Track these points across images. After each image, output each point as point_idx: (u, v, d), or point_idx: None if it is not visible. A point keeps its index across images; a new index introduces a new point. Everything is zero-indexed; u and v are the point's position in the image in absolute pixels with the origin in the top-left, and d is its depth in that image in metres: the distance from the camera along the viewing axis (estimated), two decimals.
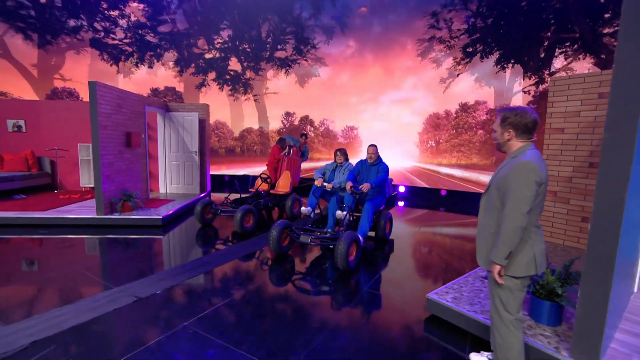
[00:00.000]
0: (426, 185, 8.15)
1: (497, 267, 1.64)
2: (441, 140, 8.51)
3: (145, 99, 6.21)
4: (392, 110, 9.10)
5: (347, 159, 4.30)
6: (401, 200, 7.46)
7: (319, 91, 9.54)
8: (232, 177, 8.82)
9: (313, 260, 3.65)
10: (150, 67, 9.12)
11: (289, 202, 5.54)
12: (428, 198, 7.92)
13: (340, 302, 2.75)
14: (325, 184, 4.18)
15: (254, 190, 5.69)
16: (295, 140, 6.15)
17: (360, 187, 3.60)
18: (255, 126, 9.84)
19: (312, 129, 9.75)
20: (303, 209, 4.14)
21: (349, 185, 3.63)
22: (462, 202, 7.43)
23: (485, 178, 7.99)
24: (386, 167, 3.82)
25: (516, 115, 1.67)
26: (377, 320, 2.50)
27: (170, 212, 5.24)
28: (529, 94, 7.20)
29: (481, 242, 1.76)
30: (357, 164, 3.98)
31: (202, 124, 7.30)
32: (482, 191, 2.24)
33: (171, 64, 9.30)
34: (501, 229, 1.58)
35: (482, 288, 2.75)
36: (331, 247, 3.72)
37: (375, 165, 3.82)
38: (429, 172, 8.51)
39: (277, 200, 5.65)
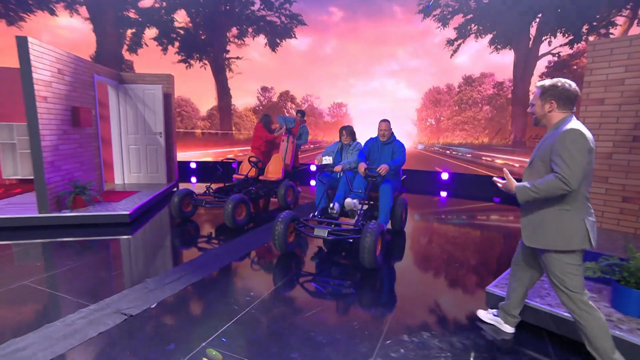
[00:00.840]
0: (425, 169, 8.12)
1: (512, 190, 1.78)
2: (442, 118, 8.39)
3: (94, 66, 5.46)
4: (386, 84, 8.87)
5: (354, 139, 4.08)
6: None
7: (301, 62, 9.14)
8: (215, 164, 8.36)
9: (323, 257, 3.40)
10: (52, 13, 7.79)
11: (282, 190, 5.24)
12: (427, 182, 7.91)
13: (385, 305, 2.56)
14: (326, 161, 3.89)
15: (240, 176, 5.32)
16: (290, 119, 5.86)
17: (378, 169, 3.37)
18: (226, 103, 9.42)
19: (293, 106, 9.41)
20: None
21: (362, 167, 3.41)
22: (467, 187, 7.38)
23: (493, 160, 7.97)
24: (403, 146, 3.70)
25: (557, 86, 1.77)
26: (434, 323, 2.34)
27: (138, 206, 4.73)
28: (559, 56, 6.82)
29: (527, 221, 1.84)
30: (367, 143, 3.79)
31: (167, 99, 6.62)
32: (490, 174, 2.23)
33: (81, 12, 8.00)
34: (544, 180, 1.66)
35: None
36: (350, 240, 3.46)
37: (388, 143, 3.64)
38: (429, 154, 8.44)
39: (267, 188, 5.35)
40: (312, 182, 7.84)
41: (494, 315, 2.29)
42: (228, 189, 5.04)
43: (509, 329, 2.20)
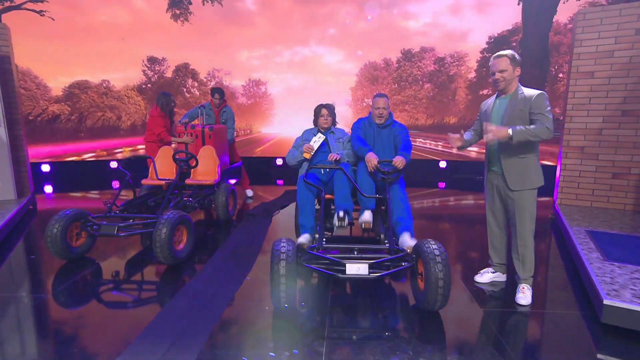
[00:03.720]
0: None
1: (506, 134, 2.36)
2: None
3: None
4: (315, 57, 8.70)
5: (334, 121, 3.59)
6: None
7: (207, 24, 8.41)
8: (120, 163, 7.19)
9: (347, 295, 2.76)
10: None
11: (222, 197, 4.47)
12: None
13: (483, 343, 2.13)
14: (317, 143, 3.36)
15: (154, 181, 4.33)
16: (196, 111, 5.21)
17: (394, 161, 2.95)
18: (94, 78, 8.05)
19: (196, 84, 8.76)
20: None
21: (373, 159, 2.96)
22: (410, 175, 7.40)
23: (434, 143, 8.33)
24: (405, 128, 3.35)
25: (518, 54, 2.49)
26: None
27: None
28: None
29: (512, 170, 2.53)
30: (355, 127, 3.38)
31: (4, 67, 4.83)
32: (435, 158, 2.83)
33: None
34: (536, 127, 2.33)
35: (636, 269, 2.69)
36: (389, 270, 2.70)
37: (386, 126, 3.28)
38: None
39: (199, 196, 4.52)
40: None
41: (492, 272, 2.90)
42: (141, 202, 4.00)
43: (504, 277, 2.91)
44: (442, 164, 8.18)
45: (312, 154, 3.28)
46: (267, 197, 5.88)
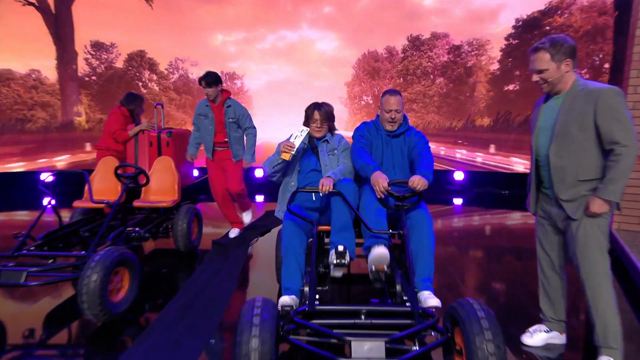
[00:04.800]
0: None
1: (606, 208, 2.15)
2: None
3: None
4: (302, 45, 8.68)
5: (333, 129, 3.38)
6: None
7: (169, 3, 8.47)
8: (40, 181, 6.49)
9: None
10: None
11: (182, 223, 4.29)
12: None
13: None
14: (290, 142, 3.12)
15: (92, 204, 4.09)
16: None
17: (412, 181, 2.74)
18: (20, 67, 7.87)
19: (155, 77, 8.73)
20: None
21: (381, 180, 2.77)
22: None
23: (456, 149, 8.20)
24: (424, 137, 3.21)
25: (566, 40, 2.19)
26: None
27: None
28: None
29: (576, 200, 2.24)
30: (359, 134, 3.22)
31: None
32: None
33: None
34: (616, 164, 2.08)
35: None
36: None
37: (399, 135, 3.15)
38: None
39: (151, 222, 4.36)
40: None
41: (546, 331, 2.62)
42: (70, 232, 3.75)
43: (564, 339, 2.63)
44: (458, 176, 8.00)
45: (294, 153, 3.00)
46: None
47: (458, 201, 7.36)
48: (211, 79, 4.33)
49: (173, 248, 4.40)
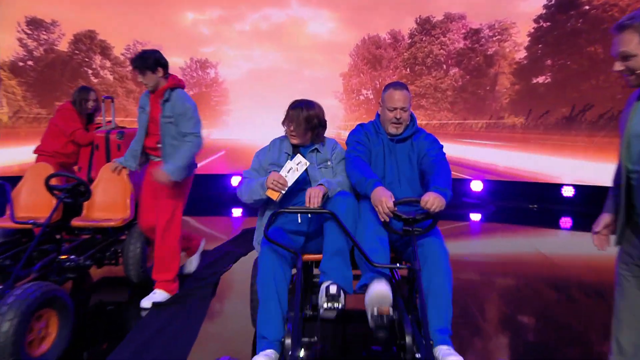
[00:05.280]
0: None
1: None
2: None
3: None
4: (290, 27, 8.66)
5: (321, 135, 3.30)
6: None
7: None
8: None
9: None
10: None
11: (134, 247, 4.26)
12: None
13: None
14: (281, 176, 3.09)
15: (10, 224, 4.09)
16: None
17: (424, 200, 2.64)
18: None
19: (108, 63, 8.70)
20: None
21: (385, 201, 2.69)
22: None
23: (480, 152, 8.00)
24: (437, 141, 3.18)
25: None
26: None
27: None
28: None
29: None
30: (355, 139, 3.17)
31: None
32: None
33: None
34: None
35: None
36: None
37: (405, 139, 3.12)
38: None
39: (93, 246, 4.40)
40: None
41: None
42: None
43: None
44: (476, 186, 7.83)
45: (284, 192, 2.87)
46: (213, 239, 5.69)
47: (476, 217, 7.25)
48: (140, 63, 3.79)
49: (123, 277, 4.33)
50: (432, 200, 2.56)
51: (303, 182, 3.06)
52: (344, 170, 3.13)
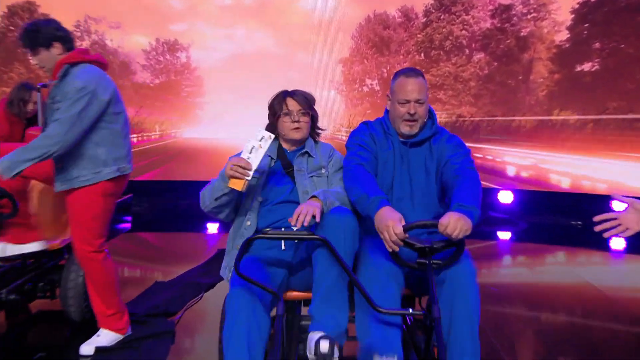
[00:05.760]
0: None
1: None
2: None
3: None
4: (279, 2, 8.82)
5: (315, 135, 3.31)
6: None
7: None
8: None
9: None
10: None
11: (76, 276, 4.14)
12: None
13: None
14: (243, 158, 2.96)
15: None
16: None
17: (444, 225, 2.51)
18: None
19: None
20: None
21: (393, 226, 2.57)
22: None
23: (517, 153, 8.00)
24: (464, 146, 3.11)
25: None
26: None
27: None
28: None
29: None
30: (357, 141, 3.07)
31: None
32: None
33: None
34: None
35: None
36: None
37: (422, 142, 3.04)
38: None
39: (20, 276, 4.31)
40: None
41: None
42: None
43: None
44: (505, 197, 7.68)
45: (249, 179, 2.76)
46: (180, 262, 5.56)
47: (504, 235, 7.13)
48: (29, 39, 3.44)
49: (60, 312, 4.14)
50: (454, 224, 2.38)
51: (288, 192, 2.96)
52: (340, 180, 3.03)
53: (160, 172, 8.55)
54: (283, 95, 2.94)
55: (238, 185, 2.65)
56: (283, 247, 2.89)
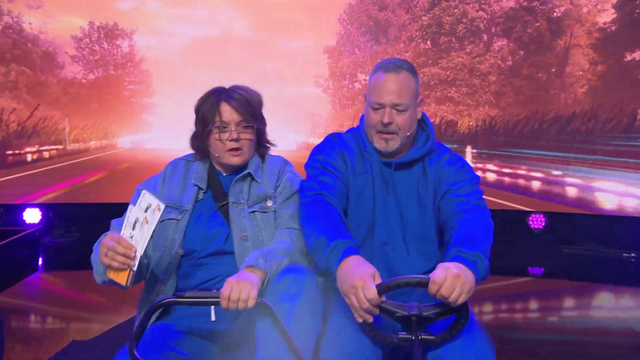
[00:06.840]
0: None
1: None
2: None
3: None
4: None
5: (263, 153, 2.89)
6: None
7: None
8: None
9: None
10: None
11: None
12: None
13: None
14: (120, 238, 2.45)
15: None
16: None
17: (435, 283, 2.24)
18: None
19: None
20: None
21: (361, 285, 2.29)
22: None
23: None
24: (471, 171, 2.74)
25: None
26: None
27: None
28: None
29: None
30: (319, 161, 2.70)
31: None
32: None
33: None
34: None
35: None
36: None
37: (412, 164, 2.76)
38: None
39: None
40: None
41: None
42: None
43: None
44: (537, 222, 7.45)
45: (134, 268, 2.22)
46: (103, 312, 5.24)
47: (536, 269, 6.90)
48: None
49: None
50: (451, 282, 2.06)
51: (223, 238, 2.63)
52: (296, 217, 2.65)
53: (97, 194, 7.93)
54: (216, 99, 2.43)
55: (121, 278, 2.22)
56: (213, 318, 2.50)
